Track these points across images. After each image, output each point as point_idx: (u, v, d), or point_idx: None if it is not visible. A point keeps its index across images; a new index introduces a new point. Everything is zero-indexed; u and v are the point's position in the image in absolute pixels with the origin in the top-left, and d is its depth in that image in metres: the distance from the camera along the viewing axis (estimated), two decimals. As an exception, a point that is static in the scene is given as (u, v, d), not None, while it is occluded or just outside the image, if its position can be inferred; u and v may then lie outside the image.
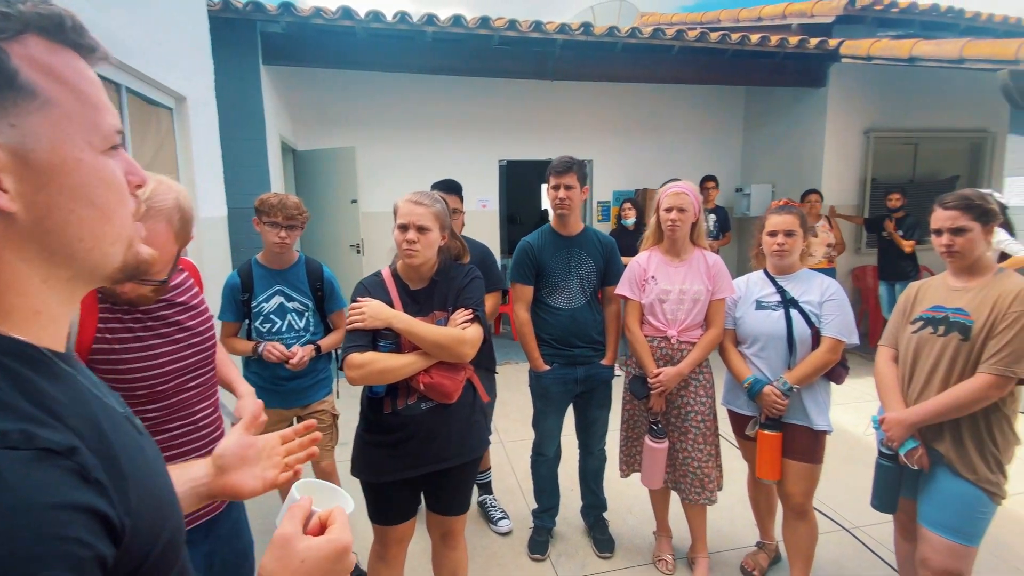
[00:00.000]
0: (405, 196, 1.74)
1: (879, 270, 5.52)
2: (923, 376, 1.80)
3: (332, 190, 5.55)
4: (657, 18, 7.75)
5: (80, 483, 0.41)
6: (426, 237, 1.68)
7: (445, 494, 1.85)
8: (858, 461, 3.33)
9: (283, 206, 2.16)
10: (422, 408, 1.72)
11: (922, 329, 1.82)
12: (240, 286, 2.25)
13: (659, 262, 2.30)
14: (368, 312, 1.65)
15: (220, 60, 3.63)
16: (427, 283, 1.79)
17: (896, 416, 1.80)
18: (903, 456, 1.79)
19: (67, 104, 0.46)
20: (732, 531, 2.71)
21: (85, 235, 0.48)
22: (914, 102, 6.01)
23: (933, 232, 1.81)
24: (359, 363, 1.61)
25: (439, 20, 4.61)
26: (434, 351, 1.67)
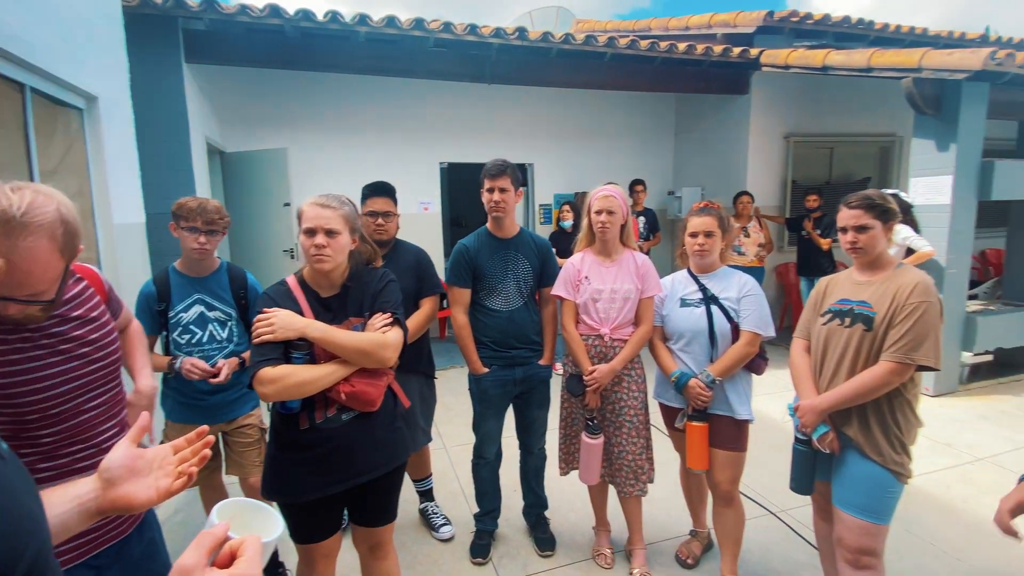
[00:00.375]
0: (310, 199, 1.65)
1: (799, 267, 5.88)
2: (832, 365, 1.92)
3: (263, 193, 5.35)
4: (592, 25, 7.94)
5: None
6: (336, 241, 1.61)
7: (371, 505, 1.77)
8: (783, 448, 3.49)
9: (202, 210, 2.04)
10: (343, 419, 1.64)
11: (830, 321, 1.95)
12: (156, 295, 2.12)
13: (592, 263, 2.36)
14: (278, 323, 1.55)
15: (139, 58, 3.43)
16: (339, 289, 1.71)
17: (808, 403, 1.91)
18: (816, 441, 1.90)
19: None
20: (668, 521, 2.80)
21: None
22: (829, 108, 6.44)
23: (839, 230, 1.94)
24: (272, 378, 1.50)
25: (372, 20, 4.53)
26: (355, 358, 1.59)
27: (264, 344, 1.54)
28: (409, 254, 2.57)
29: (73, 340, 1.18)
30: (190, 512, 2.95)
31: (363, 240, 1.77)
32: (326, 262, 1.61)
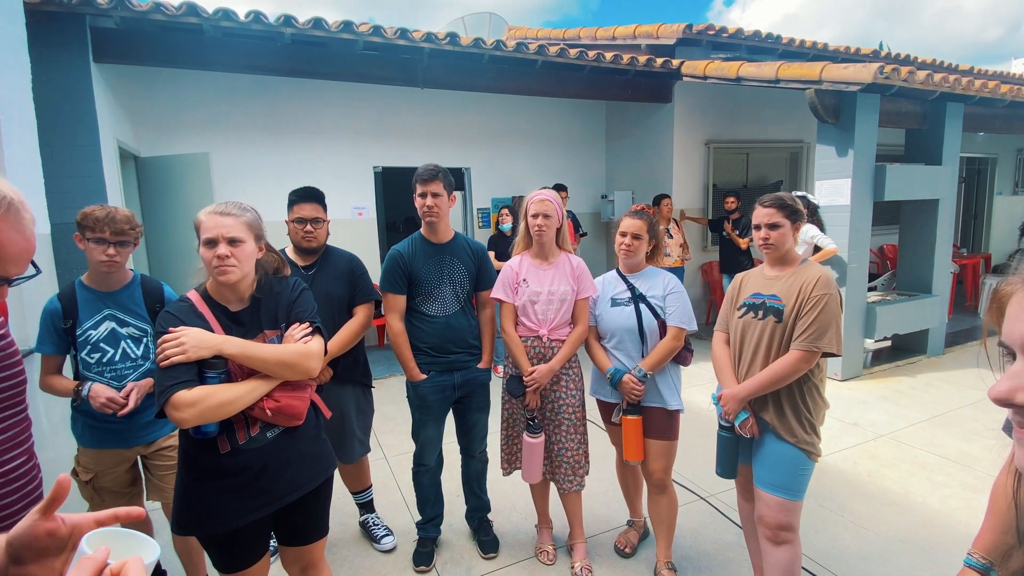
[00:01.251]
0: (207, 208, 1.55)
1: (721, 265, 6.25)
2: (749, 355, 2.07)
3: (184, 200, 5.07)
4: (524, 32, 8.08)
5: None
6: (240, 250, 1.51)
7: (301, 523, 1.68)
8: (710, 435, 3.69)
9: (110, 219, 1.89)
10: (268, 437, 1.56)
11: (745, 315, 2.09)
12: (61, 312, 1.95)
13: (529, 265, 2.41)
14: (189, 341, 1.42)
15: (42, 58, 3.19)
16: (248, 302, 1.61)
17: (730, 392, 2.05)
18: (738, 426, 2.04)
19: None
20: (606, 513, 2.90)
21: None
22: (745, 116, 6.87)
23: (753, 227, 2.09)
24: (191, 400, 1.37)
25: (297, 22, 4.41)
26: (279, 371, 1.51)
27: (174, 366, 1.41)
28: (341, 261, 2.53)
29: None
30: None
31: (269, 249, 1.69)
32: (231, 273, 1.51)
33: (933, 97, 4.91)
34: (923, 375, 5.10)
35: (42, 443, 1.32)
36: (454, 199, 2.49)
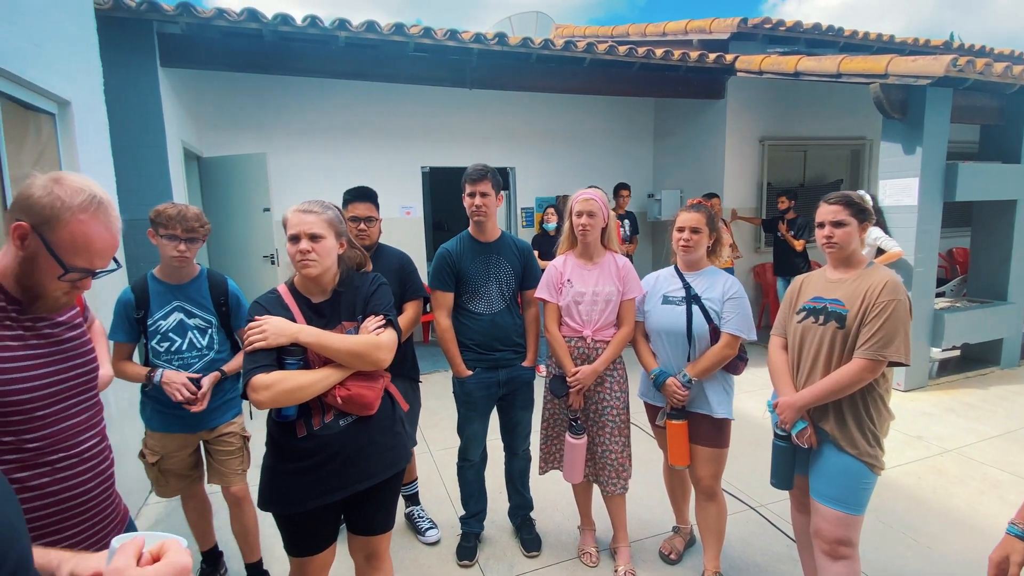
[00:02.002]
0: (293, 206, 1.65)
1: (775, 267, 6.02)
2: (808, 362, 1.98)
3: (242, 198, 5.29)
4: (571, 30, 8.02)
5: None
6: (321, 245, 1.60)
7: (369, 513, 1.74)
8: (763, 444, 3.57)
9: (182, 217, 2.02)
10: (340, 425, 1.62)
11: (805, 319, 2.00)
12: (134, 303, 2.08)
13: (574, 265, 2.39)
14: (270, 329, 1.53)
15: (113, 62, 3.38)
16: (330, 295, 1.70)
17: (787, 400, 1.96)
18: (795, 436, 1.96)
19: None
20: (651, 518, 2.85)
21: None
22: (802, 112, 6.61)
23: (816, 225, 2.00)
24: (266, 384, 1.48)
25: (352, 25, 4.53)
26: (350, 361, 1.59)
27: (256, 351, 1.52)
28: (392, 259, 2.58)
29: (59, 343, 1.17)
30: (171, 523, 2.91)
31: (351, 245, 1.77)
32: (312, 267, 1.60)
33: (1012, 91, 4.58)
34: (996, 387, 4.76)
35: (111, 426, 1.40)
36: (501, 198, 2.50)
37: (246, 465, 2.32)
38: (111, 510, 1.26)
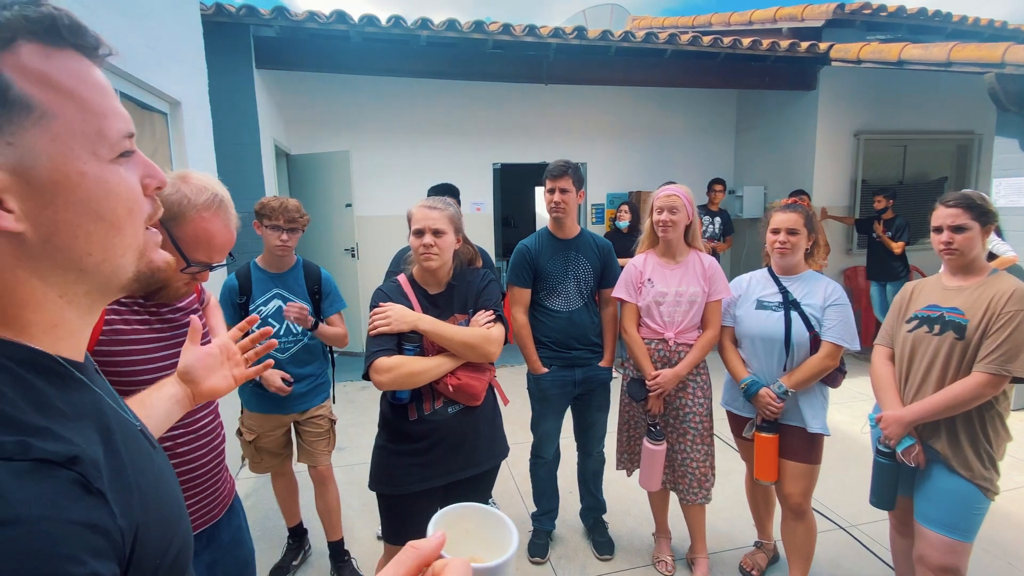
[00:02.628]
0: (419, 202, 1.75)
1: (868, 271, 5.58)
2: (919, 374, 1.82)
3: (326, 194, 5.54)
4: (649, 22, 7.81)
5: (81, 494, 0.39)
6: (442, 240, 1.69)
7: (467, 500, 1.82)
8: (854, 460, 3.36)
9: (284, 209, 2.17)
10: (449, 412, 1.71)
11: (917, 328, 1.84)
12: (238, 289, 2.24)
13: (655, 264, 2.31)
14: (393, 316, 1.65)
15: (213, 64, 3.62)
16: (444, 287, 1.79)
17: (893, 414, 1.82)
18: (900, 454, 1.81)
19: (68, 114, 0.43)
20: (731, 531, 2.72)
21: (94, 249, 0.46)
22: (902, 104, 6.09)
23: (933, 229, 1.83)
24: (388, 366, 1.60)
25: (433, 24, 4.62)
26: (462, 351, 1.67)
27: (380, 336, 1.65)
28: (470, 254, 2.61)
29: (181, 327, 1.27)
30: (259, 497, 3.09)
31: (466, 241, 1.85)
32: (433, 260, 1.69)
33: None
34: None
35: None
36: (582, 195, 2.47)
37: (331, 447, 2.45)
38: (221, 484, 1.34)
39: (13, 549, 0.34)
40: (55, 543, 0.36)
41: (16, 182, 0.41)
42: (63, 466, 0.39)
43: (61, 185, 0.43)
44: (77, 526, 0.37)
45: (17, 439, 0.38)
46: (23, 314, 0.45)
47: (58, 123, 0.42)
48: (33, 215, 0.42)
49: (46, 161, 0.42)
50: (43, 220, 0.43)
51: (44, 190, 0.42)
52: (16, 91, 0.40)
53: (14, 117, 0.40)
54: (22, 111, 0.41)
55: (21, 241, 0.42)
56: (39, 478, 0.37)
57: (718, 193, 5.80)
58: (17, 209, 0.41)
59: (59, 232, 0.44)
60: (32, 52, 0.42)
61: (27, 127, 0.41)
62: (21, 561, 0.34)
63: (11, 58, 0.40)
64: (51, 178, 0.42)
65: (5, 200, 0.41)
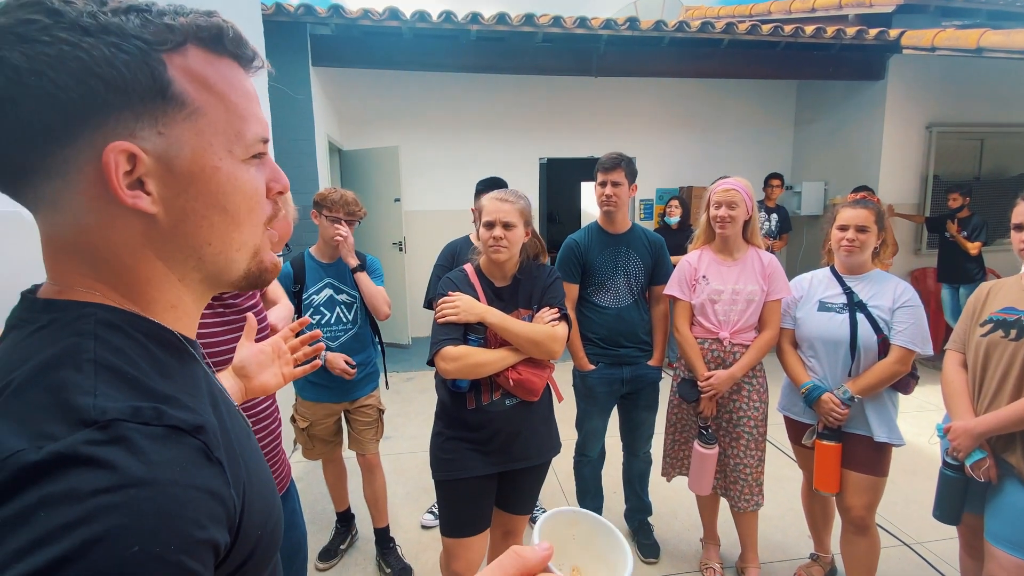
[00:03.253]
0: (490, 194, 1.75)
1: (940, 273, 5.24)
2: (994, 383, 1.69)
3: (376, 189, 5.65)
4: (704, 11, 7.56)
5: (204, 462, 0.42)
6: (512, 233, 1.69)
7: (516, 492, 1.85)
8: (920, 473, 3.17)
9: (344, 202, 2.23)
10: (506, 404, 1.73)
11: (992, 332, 1.71)
12: (292, 277, 2.30)
13: (710, 261, 2.23)
14: (462, 306, 1.66)
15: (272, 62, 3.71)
16: (510, 281, 1.79)
17: (963, 425, 1.69)
18: (969, 467, 1.69)
19: (214, 114, 0.48)
20: (784, 541, 2.61)
21: (214, 239, 0.50)
22: (980, 95, 5.67)
23: (1013, 227, 1.70)
24: (455, 356, 1.62)
25: (484, 18, 4.62)
26: (527, 347, 1.68)
27: (447, 324, 1.66)
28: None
29: (242, 311, 1.33)
30: (309, 481, 3.19)
31: (534, 235, 1.84)
32: (502, 253, 1.70)
33: None
34: None
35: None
36: (635, 189, 2.42)
37: (380, 435, 2.49)
38: (279, 466, 1.39)
39: (148, 508, 0.36)
40: (183, 506, 0.38)
41: (159, 168, 0.45)
42: (190, 434, 0.42)
43: (196, 176, 0.47)
44: (202, 492, 0.40)
45: (152, 406, 0.41)
46: (148, 291, 0.49)
47: (204, 120, 0.47)
48: (167, 200, 0.46)
49: (188, 153, 0.47)
50: (175, 206, 0.47)
51: (181, 179, 0.47)
52: (175, 88, 0.45)
53: (169, 110, 0.45)
54: (176, 106, 0.46)
55: (153, 223, 0.47)
56: (171, 444, 0.40)
57: (775, 188, 5.56)
58: (155, 193, 0.46)
59: (187, 219, 0.48)
60: (197, 56, 0.47)
61: (178, 121, 0.46)
62: (154, 520, 0.36)
63: (179, 59, 0.46)
64: (189, 169, 0.47)
65: (146, 183, 0.45)
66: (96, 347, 0.43)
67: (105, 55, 0.42)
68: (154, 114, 0.45)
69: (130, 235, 0.46)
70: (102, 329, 0.44)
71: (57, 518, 0.34)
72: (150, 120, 0.44)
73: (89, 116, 0.42)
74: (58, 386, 0.40)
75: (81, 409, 0.38)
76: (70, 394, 0.39)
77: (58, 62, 0.41)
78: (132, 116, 0.44)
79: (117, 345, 0.44)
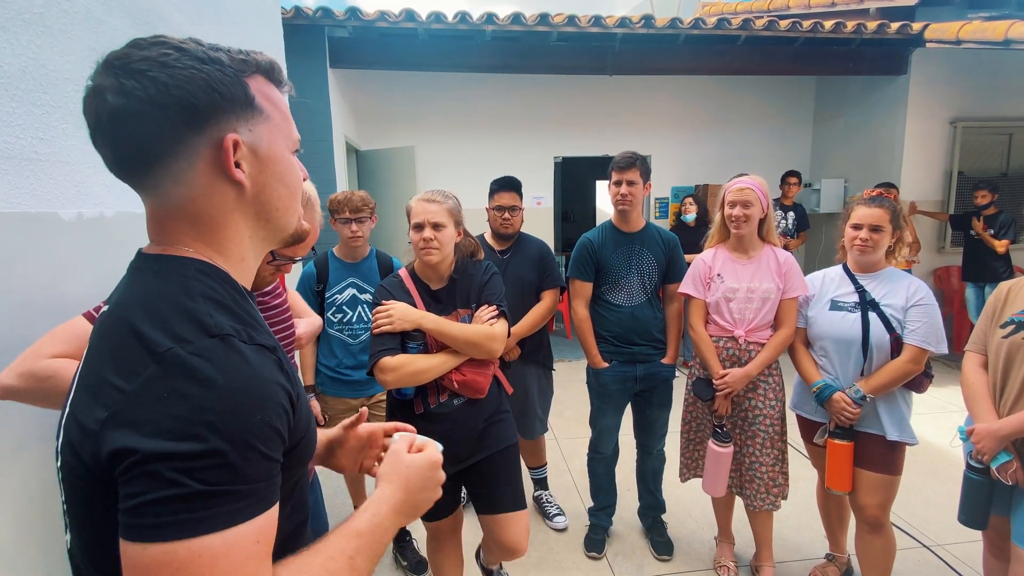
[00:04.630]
0: (417, 196, 1.76)
1: (965, 271, 5.12)
2: (1017, 384, 1.67)
3: (392, 189, 5.70)
4: (721, 8, 7.48)
5: (279, 371, 0.61)
6: (442, 234, 1.70)
7: (489, 487, 1.81)
8: (940, 475, 3.12)
9: (348, 201, 2.27)
10: (455, 404, 1.74)
11: (1015, 333, 1.68)
12: (316, 276, 2.35)
13: (725, 259, 2.23)
14: (396, 314, 1.66)
15: (291, 65, 3.80)
16: (446, 282, 1.80)
17: (987, 427, 1.67)
18: (995, 470, 1.66)
19: (277, 119, 0.67)
20: (799, 541, 2.60)
21: (280, 205, 0.69)
22: (1008, 89, 5.54)
23: None
24: (393, 366, 1.62)
25: (498, 19, 4.64)
26: (465, 349, 1.69)
27: (383, 334, 1.66)
28: (532, 247, 2.62)
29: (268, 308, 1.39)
30: (327, 475, 3.24)
31: (466, 234, 1.85)
32: (434, 254, 1.70)
33: None
34: None
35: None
36: (649, 188, 2.42)
37: None
38: None
39: (259, 394, 0.57)
40: (275, 394, 0.59)
41: (250, 154, 0.65)
42: (269, 350, 0.62)
43: (272, 160, 0.67)
44: (283, 389, 0.60)
45: (245, 329, 0.60)
46: (229, 246, 0.67)
47: (272, 123, 0.67)
48: (253, 177, 0.65)
49: (267, 144, 0.66)
50: (258, 181, 0.66)
51: (262, 161, 0.66)
52: (257, 101, 0.65)
53: (254, 115, 0.65)
54: (257, 112, 0.65)
55: (242, 192, 0.65)
56: (262, 355, 0.60)
57: (792, 186, 5.49)
58: (246, 171, 0.64)
59: (264, 190, 0.67)
60: (262, 81, 0.67)
61: (259, 122, 0.65)
62: (260, 398, 0.57)
63: (253, 82, 0.65)
64: (268, 155, 0.66)
65: (241, 163, 0.63)
66: (200, 286, 0.61)
67: (218, 77, 0.61)
68: (247, 117, 0.64)
69: (226, 200, 0.64)
70: (199, 275, 0.62)
71: (207, 396, 0.53)
72: (245, 121, 0.63)
73: (210, 116, 0.61)
74: (183, 308, 0.58)
75: (206, 324, 0.57)
76: (193, 314, 0.58)
77: (191, 81, 0.59)
78: (235, 118, 0.63)
79: (211, 286, 0.62)
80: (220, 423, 0.52)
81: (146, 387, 0.52)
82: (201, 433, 0.51)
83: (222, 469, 0.51)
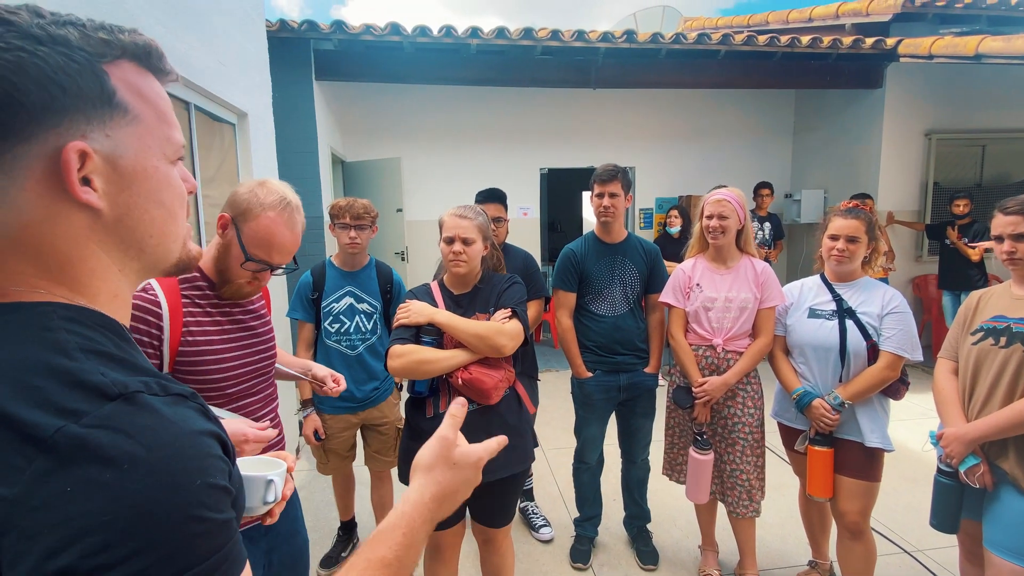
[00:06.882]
0: (450, 211, 1.82)
1: (941, 279, 5.23)
2: (984, 389, 1.71)
3: (378, 199, 5.69)
4: (702, 22, 7.64)
5: (203, 417, 0.50)
6: (471, 248, 1.77)
7: (488, 507, 1.87)
8: (920, 481, 3.17)
9: (350, 207, 2.27)
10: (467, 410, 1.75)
11: (983, 340, 1.73)
12: (311, 284, 2.33)
13: (704, 269, 2.27)
14: (412, 310, 1.76)
15: (276, 77, 3.82)
16: (470, 289, 1.87)
17: (955, 432, 1.71)
18: (963, 473, 1.70)
19: (149, 120, 0.53)
20: (783, 548, 2.62)
21: (155, 232, 0.54)
22: (980, 102, 5.70)
23: (994, 238, 1.74)
24: (400, 352, 1.69)
25: (483, 32, 4.70)
26: (472, 342, 1.71)
27: (400, 327, 1.76)
28: (517, 258, 2.64)
29: (248, 328, 1.35)
30: (312, 490, 3.22)
31: (493, 247, 1.91)
32: (461, 267, 1.78)
33: None
34: None
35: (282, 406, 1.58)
36: (630, 199, 2.46)
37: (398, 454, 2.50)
38: None
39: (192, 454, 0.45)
40: (209, 448, 0.47)
41: (106, 167, 0.49)
42: (189, 399, 0.50)
43: (138, 175, 0.52)
44: (213, 438, 0.49)
45: (155, 380, 0.48)
46: (92, 283, 0.52)
47: (142, 126, 0.52)
48: (112, 196, 0.50)
49: (131, 154, 0.51)
50: (119, 202, 0.51)
51: (125, 177, 0.51)
52: (119, 96, 0.50)
53: (114, 115, 0.50)
54: (120, 112, 0.50)
55: (97, 217, 0.50)
56: (180, 405, 0.48)
57: (765, 197, 5.61)
58: (100, 189, 0.49)
59: (130, 214, 0.52)
60: (130, 68, 0.52)
61: (122, 125, 0.50)
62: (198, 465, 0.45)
63: (116, 70, 0.50)
64: (132, 168, 0.51)
65: (93, 180, 0.48)
66: (74, 339, 0.47)
67: (59, 63, 0.46)
68: (102, 119, 0.49)
69: (76, 229, 0.49)
70: (67, 324, 0.47)
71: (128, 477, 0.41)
72: (99, 124, 0.49)
73: (46, 118, 0.46)
74: (60, 371, 0.44)
75: (100, 386, 0.44)
76: (78, 375, 0.44)
77: (18, 68, 0.44)
78: (84, 119, 0.48)
79: (86, 335, 0.48)
80: (155, 507, 0.41)
81: (36, 486, 0.39)
82: (134, 527, 0.39)
83: (173, 560, 0.41)
